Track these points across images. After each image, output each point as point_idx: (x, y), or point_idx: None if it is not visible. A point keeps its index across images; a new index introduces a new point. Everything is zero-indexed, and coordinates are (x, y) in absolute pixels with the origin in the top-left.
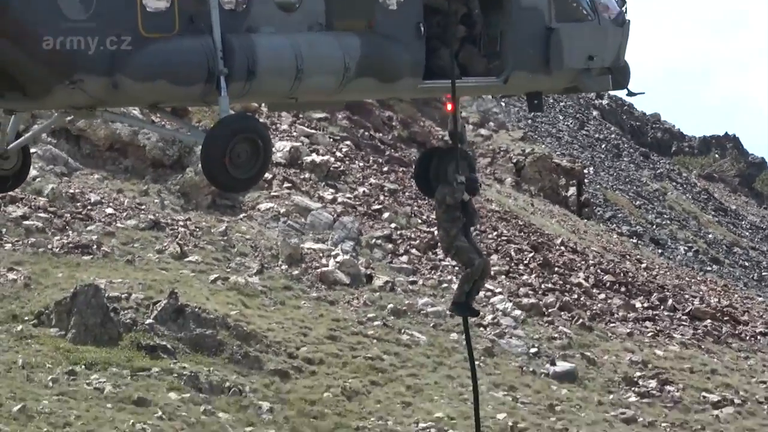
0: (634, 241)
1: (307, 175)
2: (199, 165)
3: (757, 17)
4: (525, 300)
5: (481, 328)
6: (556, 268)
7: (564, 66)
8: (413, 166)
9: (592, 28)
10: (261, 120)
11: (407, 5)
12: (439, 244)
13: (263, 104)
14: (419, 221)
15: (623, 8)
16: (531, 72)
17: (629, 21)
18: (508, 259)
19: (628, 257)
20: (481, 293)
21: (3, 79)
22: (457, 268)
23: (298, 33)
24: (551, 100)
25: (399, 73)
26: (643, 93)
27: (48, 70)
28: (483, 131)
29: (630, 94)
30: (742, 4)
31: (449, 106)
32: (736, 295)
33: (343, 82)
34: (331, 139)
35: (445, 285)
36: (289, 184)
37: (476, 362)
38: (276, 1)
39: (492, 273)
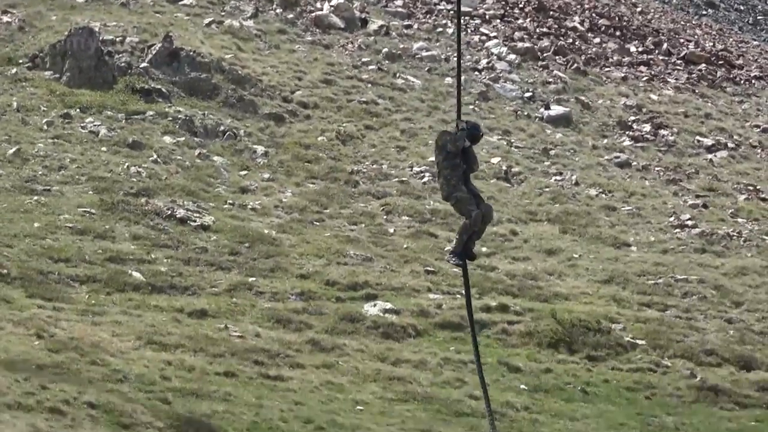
0: None
1: None
2: None
3: None
4: (520, 44)
5: (476, 73)
6: (551, 12)
7: None
8: None
9: None
10: None
11: None
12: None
13: None
14: None
15: None
16: None
17: None
18: (503, 2)
19: (623, 1)
20: (476, 37)
21: None
22: (453, 11)
23: None
24: None
25: None
26: None
27: None
28: None
29: None
30: None
31: None
32: (731, 39)
33: None
34: None
35: (440, 29)
36: None
37: (471, 106)
38: None
39: (489, 19)
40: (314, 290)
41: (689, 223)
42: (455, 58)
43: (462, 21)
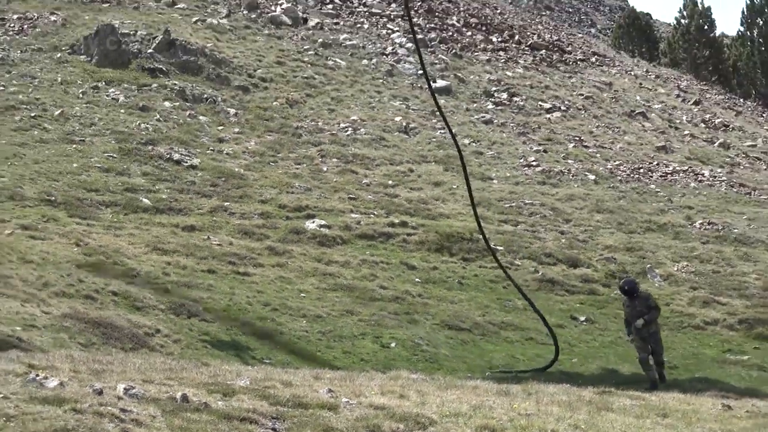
0: None
1: None
2: None
3: None
4: None
5: (384, 56)
6: (436, 13)
7: None
8: None
9: None
10: None
11: None
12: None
13: None
14: None
15: None
16: None
17: None
18: (403, 6)
19: (487, 5)
20: (384, 31)
21: None
22: (368, 12)
23: None
24: None
25: None
26: None
27: None
28: None
29: None
30: None
31: None
32: (563, 33)
33: None
34: None
35: (359, 25)
36: None
37: (381, 80)
38: None
39: (393, 18)
40: (271, 211)
41: (534, 163)
42: (370, 47)
43: (374, 19)
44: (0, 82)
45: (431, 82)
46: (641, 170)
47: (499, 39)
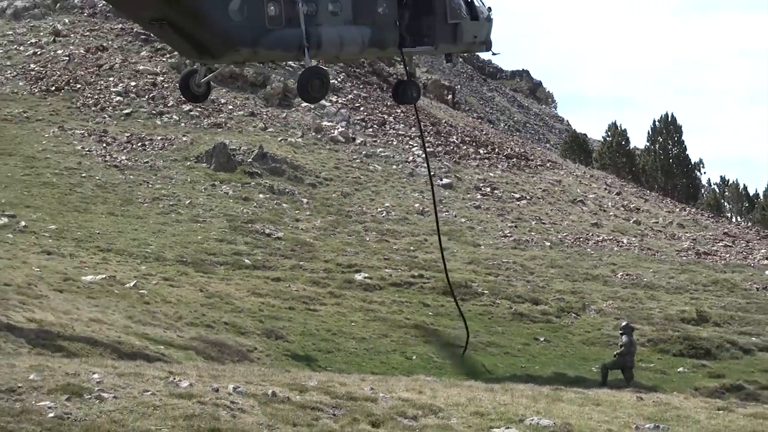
0: None
1: None
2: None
3: None
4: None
5: (407, 163)
6: (442, 135)
7: (463, 41)
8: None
9: (475, 23)
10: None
11: (390, 13)
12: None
13: (323, 61)
14: None
15: (490, 12)
16: (447, 44)
17: (493, 19)
18: (418, 130)
19: (476, 129)
20: (406, 146)
21: (204, 50)
22: (396, 133)
23: (340, 26)
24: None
25: (387, 45)
26: (499, 53)
27: (226, 44)
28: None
29: (493, 54)
30: None
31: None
32: (528, 146)
33: (362, 50)
34: None
35: (390, 142)
36: None
37: (405, 179)
38: (329, 10)
39: (414, 136)
40: (331, 268)
41: (508, 235)
42: (397, 156)
43: (400, 138)
44: (150, 182)
45: (433, 184)
46: (581, 239)
47: (485, 151)
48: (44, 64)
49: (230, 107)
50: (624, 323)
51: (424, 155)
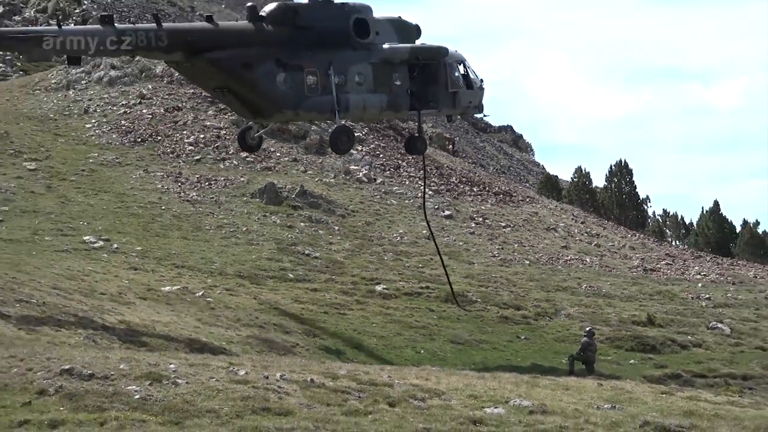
0: None
1: None
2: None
3: None
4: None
5: (416, 198)
6: (444, 176)
7: (461, 106)
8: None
9: (470, 92)
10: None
11: (403, 83)
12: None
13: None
14: None
15: (482, 82)
16: (448, 108)
17: (484, 88)
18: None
19: (471, 171)
20: (416, 184)
21: (257, 112)
22: (408, 174)
23: (363, 94)
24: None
25: (401, 109)
26: (488, 115)
27: (274, 107)
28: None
29: (484, 115)
30: None
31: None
32: (512, 185)
33: (380, 112)
34: None
35: (403, 181)
36: None
37: (414, 211)
38: (356, 81)
39: (423, 177)
40: (357, 281)
41: (497, 254)
42: (409, 193)
43: (411, 178)
44: (215, 213)
45: (427, 215)
46: (553, 258)
47: (478, 189)
48: (132, 120)
49: (278, 154)
50: (588, 328)
51: (429, 193)
